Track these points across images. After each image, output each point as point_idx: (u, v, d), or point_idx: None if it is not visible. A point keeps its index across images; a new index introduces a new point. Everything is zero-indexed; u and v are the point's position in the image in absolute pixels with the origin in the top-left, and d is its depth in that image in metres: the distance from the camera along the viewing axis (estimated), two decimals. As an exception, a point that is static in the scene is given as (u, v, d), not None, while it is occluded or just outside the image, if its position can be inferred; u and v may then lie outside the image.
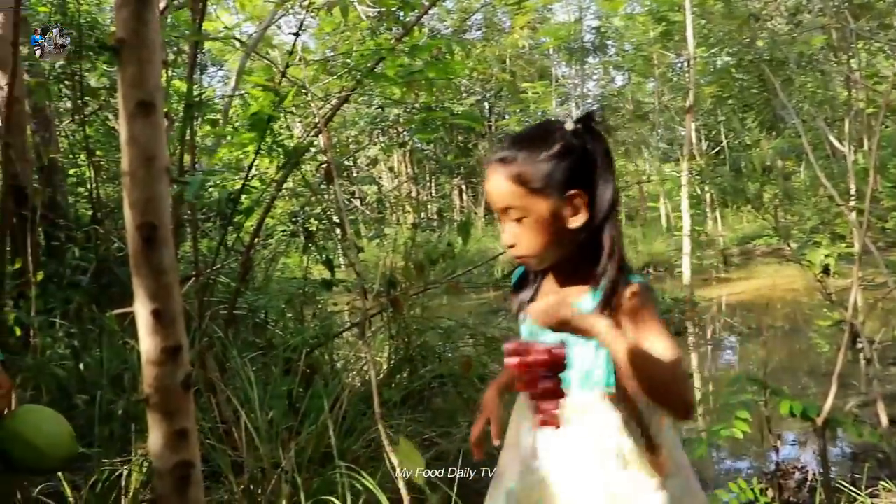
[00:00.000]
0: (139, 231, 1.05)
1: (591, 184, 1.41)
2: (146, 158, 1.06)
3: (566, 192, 1.39)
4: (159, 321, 1.06)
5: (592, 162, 1.42)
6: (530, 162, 1.41)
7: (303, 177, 3.48)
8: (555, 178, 1.40)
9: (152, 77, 1.09)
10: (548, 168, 1.40)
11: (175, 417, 1.08)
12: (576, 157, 1.41)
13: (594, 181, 1.41)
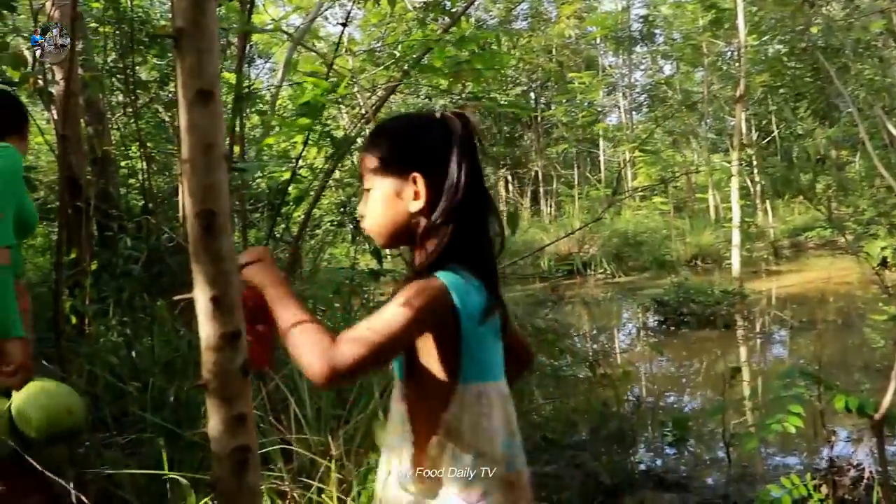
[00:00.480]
0: (198, 218, 1.07)
1: (443, 174, 1.38)
2: (205, 146, 1.07)
3: (408, 172, 1.38)
4: (218, 308, 1.07)
5: (448, 153, 1.39)
6: (389, 138, 1.45)
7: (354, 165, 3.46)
8: (403, 154, 1.41)
9: (211, 66, 1.10)
10: (398, 144, 1.42)
11: (233, 403, 1.09)
12: (430, 145, 1.40)
13: (446, 172, 1.38)
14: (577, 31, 18.79)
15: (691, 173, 15.85)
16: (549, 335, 4.21)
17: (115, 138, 7.03)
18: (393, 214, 1.41)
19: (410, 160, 1.40)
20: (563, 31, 17.48)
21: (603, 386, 5.08)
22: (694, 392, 6.30)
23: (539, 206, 19.84)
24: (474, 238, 1.38)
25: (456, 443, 1.37)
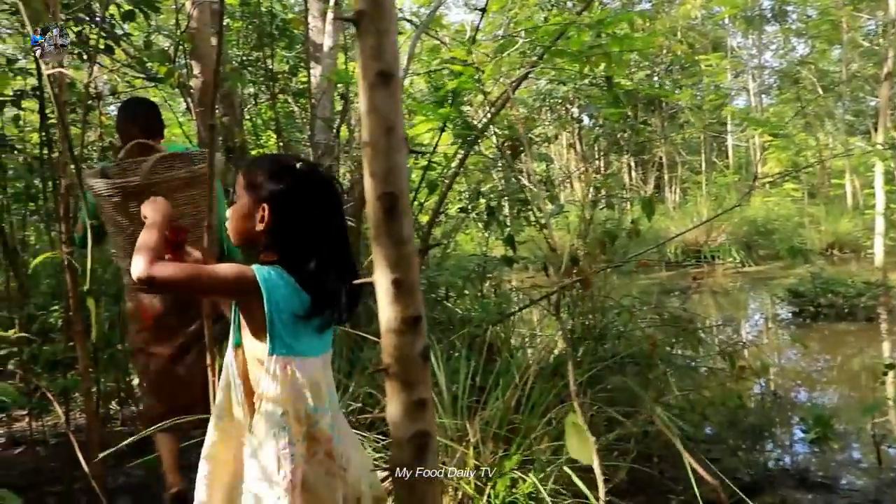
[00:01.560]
0: (380, 201, 1.06)
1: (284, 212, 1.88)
2: (386, 129, 1.06)
3: (260, 202, 1.88)
4: (399, 291, 1.07)
5: (294, 199, 1.89)
6: (258, 173, 1.93)
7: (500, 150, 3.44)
8: (261, 187, 1.90)
9: (390, 47, 1.09)
10: (261, 179, 1.90)
11: (414, 387, 1.09)
12: (281, 188, 1.88)
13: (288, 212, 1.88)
14: (704, 11, 18.13)
15: (833, 158, 15.02)
16: (689, 325, 4.07)
17: (247, 128, 7.29)
18: (244, 226, 1.93)
19: (264, 194, 1.88)
20: (689, 11, 16.90)
21: (738, 379, 4.89)
22: (832, 388, 6.00)
23: (662, 192, 19.34)
24: (305, 262, 1.86)
25: (268, 400, 1.86)
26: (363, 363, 3.54)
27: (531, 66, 3.72)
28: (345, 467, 1.97)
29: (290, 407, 1.87)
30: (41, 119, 5.77)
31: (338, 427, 1.97)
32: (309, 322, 1.89)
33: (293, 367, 1.89)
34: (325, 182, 1.97)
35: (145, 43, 6.04)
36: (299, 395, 1.89)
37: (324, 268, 1.89)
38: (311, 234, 1.89)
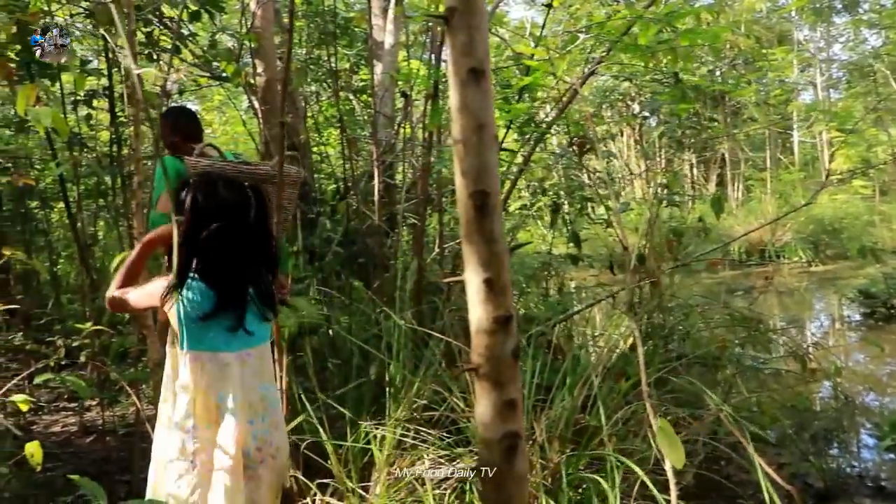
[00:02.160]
0: (472, 199, 1.05)
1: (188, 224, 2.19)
2: (478, 126, 1.05)
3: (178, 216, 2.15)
4: (491, 290, 1.05)
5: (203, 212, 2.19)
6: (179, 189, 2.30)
7: (571, 146, 3.40)
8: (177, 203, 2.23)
9: (482, 44, 1.07)
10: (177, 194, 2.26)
11: (504, 387, 1.07)
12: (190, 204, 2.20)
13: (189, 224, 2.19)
14: (769, 3, 17.68)
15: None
16: (759, 326, 3.97)
17: (309, 126, 7.36)
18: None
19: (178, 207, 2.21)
20: (754, 4, 16.50)
21: (808, 381, 4.76)
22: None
23: (725, 190, 18.95)
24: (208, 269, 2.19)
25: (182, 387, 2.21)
26: (428, 360, 3.54)
27: (598, 61, 3.67)
28: (274, 455, 2.28)
29: (200, 396, 2.20)
30: (111, 117, 5.93)
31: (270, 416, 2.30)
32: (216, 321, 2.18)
33: (203, 361, 2.21)
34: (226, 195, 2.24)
35: (210, 43, 6.15)
36: (209, 386, 2.20)
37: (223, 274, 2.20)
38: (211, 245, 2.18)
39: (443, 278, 4.20)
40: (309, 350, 3.90)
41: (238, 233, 2.21)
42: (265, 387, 2.31)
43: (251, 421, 2.22)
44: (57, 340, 5.06)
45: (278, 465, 2.30)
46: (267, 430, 2.26)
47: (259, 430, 2.24)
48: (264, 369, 2.33)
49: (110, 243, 7.45)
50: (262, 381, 2.30)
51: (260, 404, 2.27)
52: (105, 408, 4.76)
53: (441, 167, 3.73)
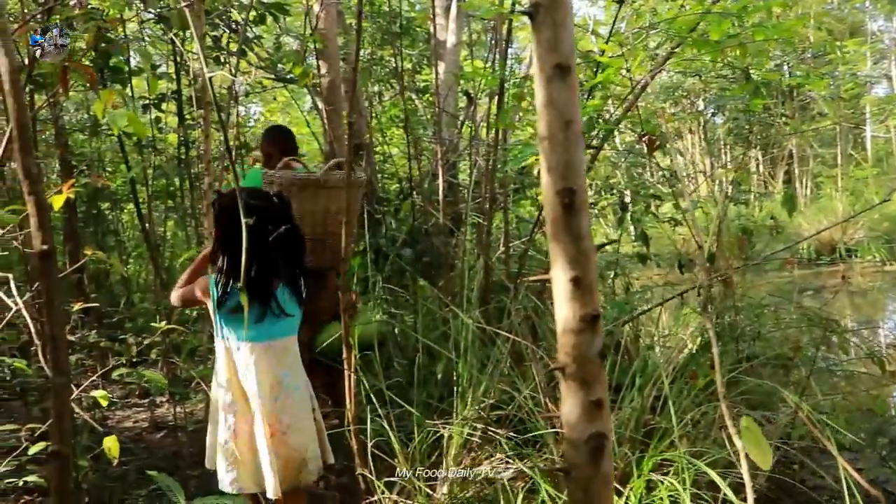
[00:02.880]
0: (559, 196, 1.04)
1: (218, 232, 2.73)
2: (564, 122, 1.04)
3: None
4: (578, 288, 1.04)
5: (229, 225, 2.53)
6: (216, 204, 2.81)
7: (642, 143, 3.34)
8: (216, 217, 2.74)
9: (567, 40, 1.06)
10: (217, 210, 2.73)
11: (591, 387, 1.06)
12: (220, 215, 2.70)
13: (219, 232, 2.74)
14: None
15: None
16: (835, 327, 3.85)
17: (372, 126, 7.41)
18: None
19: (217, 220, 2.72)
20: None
21: (884, 384, 4.60)
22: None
23: (792, 187, 18.47)
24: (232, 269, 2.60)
25: (220, 370, 2.73)
26: (495, 359, 3.53)
27: (666, 57, 3.61)
28: (285, 431, 2.67)
29: (233, 377, 2.67)
30: (179, 120, 6.07)
31: (283, 398, 2.69)
32: (242, 314, 2.50)
33: (232, 349, 2.67)
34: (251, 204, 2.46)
35: (276, 45, 6.25)
36: (234, 371, 2.67)
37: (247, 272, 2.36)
38: (236, 248, 2.28)
39: (515, 280, 4.18)
40: (376, 348, 3.93)
41: (259, 236, 2.45)
42: (286, 373, 2.72)
43: (279, 397, 2.68)
44: (129, 338, 5.20)
45: (290, 441, 2.69)
46: (280, 410, 2.68)
47: (274, 409, 2.67)
48: (287, 358, 2.74)
49: (178, 243, 7.63)
50: (283, 368, 2.72)
51: (277, 387, 2.69)
52: (175, 404, 4.86)
53: (512, 166, 3.71)
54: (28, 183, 1.24)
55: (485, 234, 4.02)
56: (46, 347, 2.51)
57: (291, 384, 2.74)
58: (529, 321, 3.85)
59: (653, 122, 3.34)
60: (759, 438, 1.72)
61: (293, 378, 2.75)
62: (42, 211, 1.24)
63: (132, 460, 4.26)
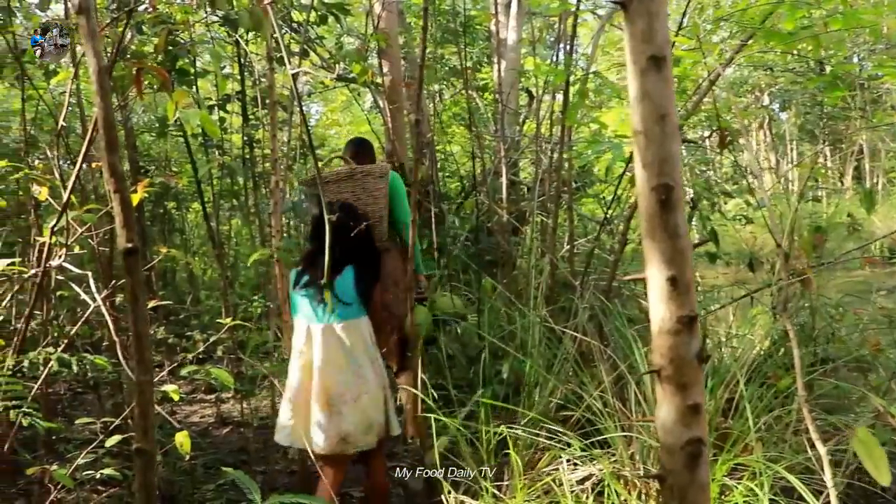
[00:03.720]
0: (654, 192, 1.00)
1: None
2: (659, 116, 1.00)
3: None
4: (675, 288, 1.00)
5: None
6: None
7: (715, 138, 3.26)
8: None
9: (662, 30, 1.02)
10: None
11: (688, 391, 1.02)
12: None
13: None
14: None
15: None
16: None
17: (433, 124, 7.41)
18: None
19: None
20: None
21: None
22: None
23: (863, 183, 17.87)
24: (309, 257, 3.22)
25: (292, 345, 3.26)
26: (563, 355, 3.49)
27: (737, 49, 3.51)
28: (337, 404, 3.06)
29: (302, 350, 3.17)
30: (243, 120, 6.14)
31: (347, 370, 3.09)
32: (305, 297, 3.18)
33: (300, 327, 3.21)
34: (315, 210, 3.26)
35: (337, 45, 6.29)
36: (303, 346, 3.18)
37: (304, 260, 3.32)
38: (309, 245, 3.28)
39: (581, 278, 4.13)
40: (444, 346, 3.93)
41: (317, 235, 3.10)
42: (345, 352, 3.11)
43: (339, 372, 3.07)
44: (195, 335, 5.29)
45: (361, 406, 3.07)
46: (349, 381, 3.07)
47: (343, 380, 3.07)
48: (350, 339, 3.13)
49: (242, 241, 7.74)
50: (345, 346, 3.11)
51: (344, 361, 3.09)
52: (241, 400, 4.92)
53: (581, 163, 3.67)
54: (114, 181, 1.25)
55: (550, 233, 3.97)
56: (125, 344, 2.57)
57: (356, 360, 3.12)
58: (596, 320, 3.79)
59: (723, 118, 3.26)
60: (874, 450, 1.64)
61: (353, 356, 3.12)
62: (127, 209, 1.25)
63: (199, 455, 4.33)
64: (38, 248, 2.64)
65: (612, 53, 7.45)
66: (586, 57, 7.02)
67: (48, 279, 2.26)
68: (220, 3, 2.78)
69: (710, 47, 2.94)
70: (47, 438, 3.98)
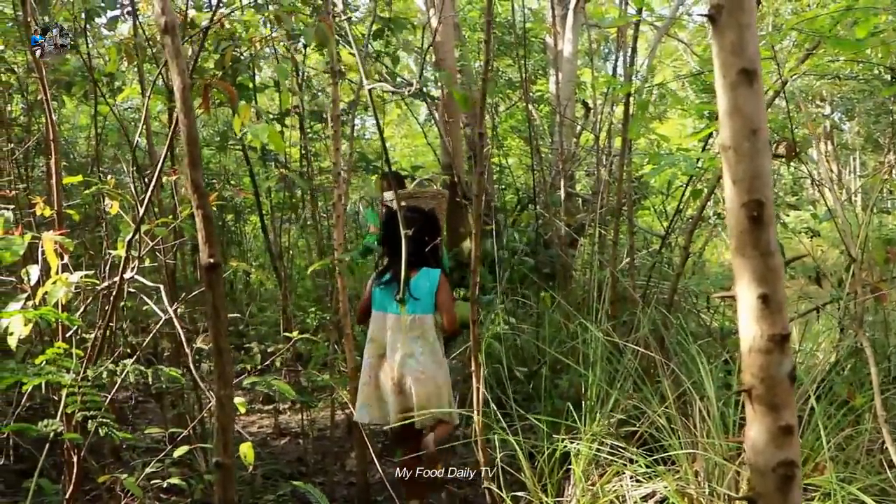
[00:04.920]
0: (745, 209, 0.98)
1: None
2: (751, 131, 0.98)
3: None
4: (767, 306, 0.98)
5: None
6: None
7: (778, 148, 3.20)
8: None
9: (752, 42, 1.00)
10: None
11: (780, 411, 0.99)
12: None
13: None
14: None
15: None
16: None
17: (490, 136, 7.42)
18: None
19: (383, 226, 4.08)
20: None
21: None
22: None
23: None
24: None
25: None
26: (624, 371, 3.45)
27: (804, 56, 3.44)
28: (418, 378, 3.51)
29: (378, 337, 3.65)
30: (301, 134, 6.23)
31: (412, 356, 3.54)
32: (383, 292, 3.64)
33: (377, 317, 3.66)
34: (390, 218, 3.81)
35: (393, 59, 6.34)
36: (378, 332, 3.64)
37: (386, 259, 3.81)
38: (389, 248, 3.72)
39: (643, 292, 4.08)
40: (504, 358, 3.92)
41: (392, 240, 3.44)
42: (416, 340, 3.55)
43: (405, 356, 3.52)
44: (253, 346, 5.35)
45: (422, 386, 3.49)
46: (413, 365, 3.51)
47: (408, 363, 3.51)
48: (417, 331, 3.55)
49: (299, 253, 7.83)
50: (413, 336, 3.55)
51: (409, 348, 3.53)
52: (300, 411, 4.96)
53: (650, 177, 3.63)
54: (196, 196, 1.27)
55: (612, 246, 3.94)
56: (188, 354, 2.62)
57: (417, 351, 3.55)
58: (657, 334, 3.74)
59: (789, 128, 3.20)
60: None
61: (420, 347, 3.55)
62: (209, 224, 1.27)
63: (258, 465, 4.37)
64: (110, 260, 2.71)
65: (666, 64, 7.36)
66: (641, 69, 6.97)
67: (122, 291, 2.32)
68: (286, 21, 2.82)
69: (789, 57, 2.88)
70: (114, 446, 4.07)
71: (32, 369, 2.05)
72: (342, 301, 3.79)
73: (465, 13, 8.00)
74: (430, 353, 3.57)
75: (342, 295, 3.77)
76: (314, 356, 4.24)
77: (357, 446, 3.91)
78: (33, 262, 2.47)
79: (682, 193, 3.92)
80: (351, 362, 3.81)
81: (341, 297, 3.77)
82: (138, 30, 3.98)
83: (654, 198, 6.61)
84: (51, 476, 3.55)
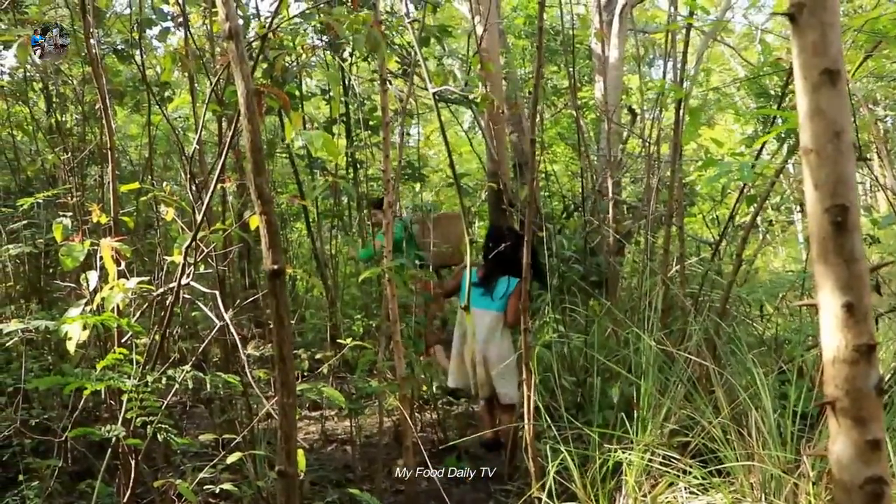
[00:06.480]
0: (828, 214, 0.94)
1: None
2: (834, 133, 0.95)
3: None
4: (852, 315, 0.94)
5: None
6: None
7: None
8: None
9: (835, 42, 0.97)
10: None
11: (867, 425, 0.95)
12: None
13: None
14: None
15: None
16: None
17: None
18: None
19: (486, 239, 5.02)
20: None
21: None
22: None
23: None
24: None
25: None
26: (677, 379, 3.39)
27: (865, 57, 3.36)
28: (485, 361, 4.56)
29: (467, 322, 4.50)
30: (348, 141, 6.26)
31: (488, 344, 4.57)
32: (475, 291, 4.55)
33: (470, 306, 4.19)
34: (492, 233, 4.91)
35: (438, 66, 6.35)
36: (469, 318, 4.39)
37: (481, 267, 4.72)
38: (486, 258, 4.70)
39: (695, 300, 4.02)
40: (556, 366, 3.88)
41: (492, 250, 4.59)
42: (490, 329, 4.56)
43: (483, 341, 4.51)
44: (300, 353, 5.37)
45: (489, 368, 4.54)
46: (490, 348, 4.54)
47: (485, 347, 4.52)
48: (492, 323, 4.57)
49: (344, 259, 7.86)
50: (488, 326, 4.55)
51: (486, 335, 4.54)
52: (348, 418, 4.96)
53: (706, 185, 3.57)
54: (261, 203, 1.27)
55: (664, 253, 3.88)
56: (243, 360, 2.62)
57: (493, 338, 4.57)
58: (710, 343, 3.67)
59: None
60: None
61: (495, 335, 4.58)
62: (273, 231, 1.27)
63: (306, 472, 4.38)
64: (166, 266, 2.74)
65: (714, 69, 7.25)
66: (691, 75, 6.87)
67: (178, 297, 2.34)
68: (340, 29, 2.83)
69: (855, 59, 2.81)
70: (166, 451, 4.11)
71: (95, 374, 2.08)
72: (392, 309, 3.77)
73: (511, 20, 7.98)
74: (498, 341, 4.60)
75: (392, 303, 3.76)
76: (360, 363, 4.24)
77: (409, 454, 3.89)
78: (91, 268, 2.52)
79: (734, 200, 3.85)
80: (400, 370, 3.78)
81: (391, 304, 3.76)
82: (189, 40, 4.03)
83: (703, 204, 6.52)
84: (104, 479, 3.60)
